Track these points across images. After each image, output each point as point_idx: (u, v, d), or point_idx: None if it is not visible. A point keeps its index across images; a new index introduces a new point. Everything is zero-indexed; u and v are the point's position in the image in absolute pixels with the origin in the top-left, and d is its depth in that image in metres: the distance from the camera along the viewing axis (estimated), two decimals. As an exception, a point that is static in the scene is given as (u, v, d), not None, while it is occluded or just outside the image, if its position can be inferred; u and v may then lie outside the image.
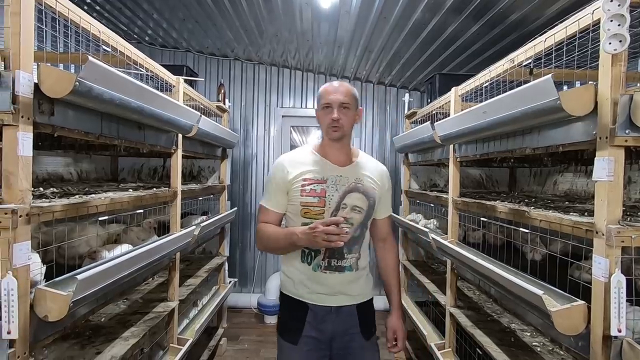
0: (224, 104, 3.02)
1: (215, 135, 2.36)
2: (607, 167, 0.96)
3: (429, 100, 2.77)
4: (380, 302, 3.96)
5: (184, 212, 2.57)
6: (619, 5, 0.90)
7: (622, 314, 0.90)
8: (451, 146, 2.00)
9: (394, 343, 1.37)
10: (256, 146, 4.06)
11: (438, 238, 1.95)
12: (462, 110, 1.88)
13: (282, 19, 2.89)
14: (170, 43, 3.78)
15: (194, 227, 2.02)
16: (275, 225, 1.33)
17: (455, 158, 1.98)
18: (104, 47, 1.36)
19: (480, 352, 1.67)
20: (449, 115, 2.04)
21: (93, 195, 1.36)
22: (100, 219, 1.43)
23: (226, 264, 3.09)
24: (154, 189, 1.86)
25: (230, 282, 3.13)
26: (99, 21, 1.28)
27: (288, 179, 1.29)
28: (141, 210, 1.60)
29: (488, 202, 1.65)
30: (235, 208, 3.09)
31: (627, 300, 0.92)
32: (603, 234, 0.96)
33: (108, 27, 1.34)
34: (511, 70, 1.47)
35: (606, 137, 0.96)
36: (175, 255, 1.93)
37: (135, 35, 3.61)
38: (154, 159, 2.93)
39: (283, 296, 1.35)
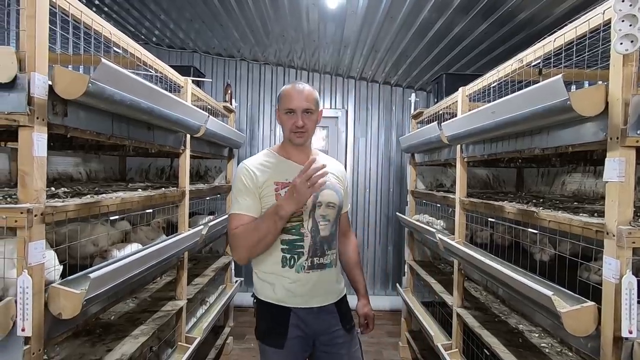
0: (231, 104, 3.04)
1: (222, 136, 2.37)
2: (617, 167, 0.95)
3: (436, 100, 2.76)
4: (386, 302, 3.96)
5: (190, 212, 2.59)
6: (630, 5, 0.89)
7: (634, 316, 0.90)
8: (458, 146, 2.00)
9: (366, 326, 1.47)
10: (262, 146, 4.08)
11: (445, 238, 1.95)
12: (469, 110, 1.88)
13: (289, 19, 2.90)
14: (177, 44, 3.81)
15: (202, 226, 2.04)
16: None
17: (462, 158, 1.98)
18: (114, 48, 1.37)
19: (488, 353, 1.66)
20: (455, 116, 2.03)
21: (104, 195, 1.38)
22: (111, 218, 1.45)
23: (232, 263, 3.10)
24: (163, 188, 1.87)
25: (236, 281, 3.15)
26: (107, 22, 1.30)
27: (258, 182, 1.26)
28: (150, 210, 1.62)
29: (496, 203, 1.64)
30: (242, 208, 3.09)
31: (638, 302, 0.92)
32: (614, 235, 0.95)
33: (115, 28, 1.35)
34: (520, 70, 1.47)
35: (617, 138, 0.95)
36: (184, 254, 1.94)
37: (142, 36, 3.65)
38: (162, 158, 2.95)
39: (261, 303, 1.31)
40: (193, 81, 2.18)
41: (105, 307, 1.34)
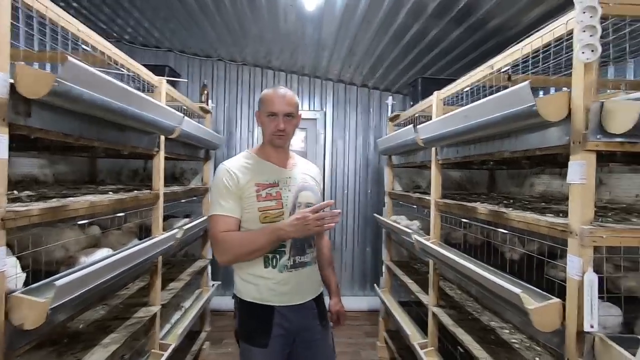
0: (207, 105, 2.99)
1: (198, 137, 2.33)
2: (580, 170, 1.00)
3: (412, 103, 2.82)
4: (364, 303, 3.99)
5: (166, 215, 2.52)
6: (591, 16, 0.94)
7: (595, 311, 0.95)
8: (433, 149, 2.04)
9: (337, 322, 1.53)
10: (240, 148, 4.03)
11: (420, 239, 1.99)
12: (443, 113, 1.92)
13: (266, 20, 2.88)
14: (152, 42, 3.71)
15: (176, 230, 1.99)
16: (237, 231, 1.30)
17: (437, 160, 2.02)
18: (83, 46, 1.32)
19: (462, 350, 1.71)
20: (430, 119, 2.08)
21: (72, 199, 1.32)
22: (79, 222, 1.39)
23: (209, 266, 3.05)
24: (135, 191, 1.82)
25: (213, 285, 3.09)
26: (76, 19, 1.25)
27: (240, 184, 1.30)
28: (122, 214, 1.56)
29: (469, 204, 1.69)
30: (219, 210, 3.04)
31: (598, 297, 0.97)
32: (577, 234, 1.00)
33: (86, 25, 1.30)
34: (490, 76, 1.52)
35: (579, 142, 1.00)
36: (157, 259, 1.89)
37: (114, 34, 3.53)
38: (135, 160, 2.86)
39: (244, 303, 1.33)
40: (168, 81, 2.13)
41: (72, 316, 1.28)
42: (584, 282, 0.96)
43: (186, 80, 3.05)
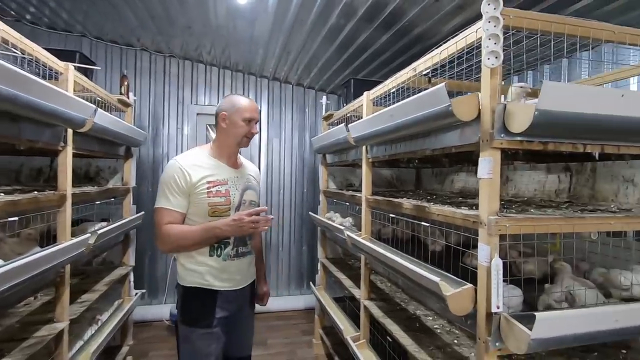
0: (128, 97, 2.73)
1: (115, 132, 2.12)
2: (488, 166, 1.10)
3: (345, 103, 2.89)
4: (301, 302, 4.00)
5: (77, 219, 2.26)
6: (495, 26, 1.04)
7: (500, 293, 1.05)
8: (364, 147, 2.11)
9: (261, 300, 1.73)
10: (167, 145, 3.77)
11: (352, 235, 2.04)
12: (373, 113, 2.00)
13: (195, 10, 2.73)
14: (60, 25, 3.29)
15: (88, 235, 1.78)
16: (181, 224, 1.41)
17: (367, 158, 2.09)
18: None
19: (390, 340, 1.79)
20: (361, 118, 2.15)
21: (-56, 201, 1.10)
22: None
23: (131, 274, 2.79)
24: (35, 192, 1.58)
25: (136, 294, 2.84)
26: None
27: (191, 182, 1.40)
28: (15, 218, 1.35)
29: (396, 200, 1.78)
30: (143, 212, 2.81)
31: (503, 281, 1.07)
32: (485, 224, 1.10)
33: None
34: (413, 78, 1.61)
35: (487, 140, 1.10)
36: (64, 268, 1.67)
37: (12, 12, 3.05)
38: (38, 157, 2.51)
39: (188, 289, 1.43)
40: (79, 69, 1.90)
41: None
42: (491, 268, 1.06)
43: (100, 68, 2.75)
